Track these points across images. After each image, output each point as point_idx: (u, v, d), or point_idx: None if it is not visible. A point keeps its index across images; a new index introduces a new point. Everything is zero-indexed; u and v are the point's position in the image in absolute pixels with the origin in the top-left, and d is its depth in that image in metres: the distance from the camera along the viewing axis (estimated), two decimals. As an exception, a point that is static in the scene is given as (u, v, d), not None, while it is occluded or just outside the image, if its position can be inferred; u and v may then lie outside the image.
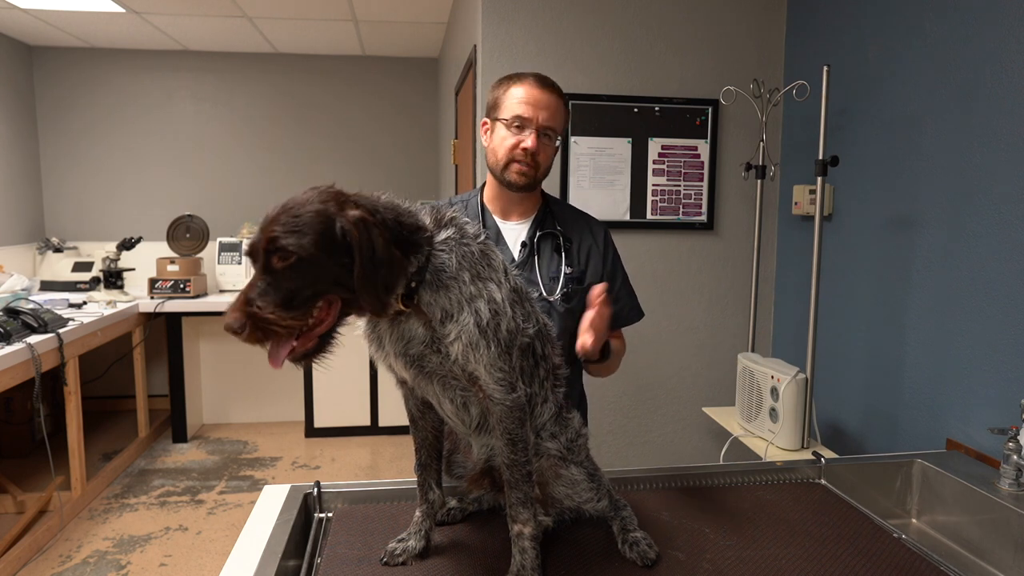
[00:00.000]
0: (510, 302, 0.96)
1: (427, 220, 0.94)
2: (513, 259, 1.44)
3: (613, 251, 1.52)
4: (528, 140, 1.35)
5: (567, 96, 1.44)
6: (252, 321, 0.79)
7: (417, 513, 1.08)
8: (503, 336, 0.93)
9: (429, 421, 1.08)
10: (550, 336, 1.10)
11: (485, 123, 1.45)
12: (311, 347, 0.85)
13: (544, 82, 1.38)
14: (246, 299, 0.80)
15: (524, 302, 1.02)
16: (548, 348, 1.09)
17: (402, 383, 1.05)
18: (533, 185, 1.42)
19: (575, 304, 1.43)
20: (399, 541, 1.06)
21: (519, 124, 1.36)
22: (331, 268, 0.82)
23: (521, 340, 0.98)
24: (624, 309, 1.52)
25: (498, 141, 1.40)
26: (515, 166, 1.38)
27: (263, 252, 0.81)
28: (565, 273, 1.44)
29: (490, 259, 0.97)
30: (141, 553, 2.82)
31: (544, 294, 1.42)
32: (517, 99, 1.37)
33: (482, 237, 0.99)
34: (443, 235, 0.93)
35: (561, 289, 1.42)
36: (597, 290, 1.22)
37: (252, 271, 0.84)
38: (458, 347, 0.91)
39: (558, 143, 1.42)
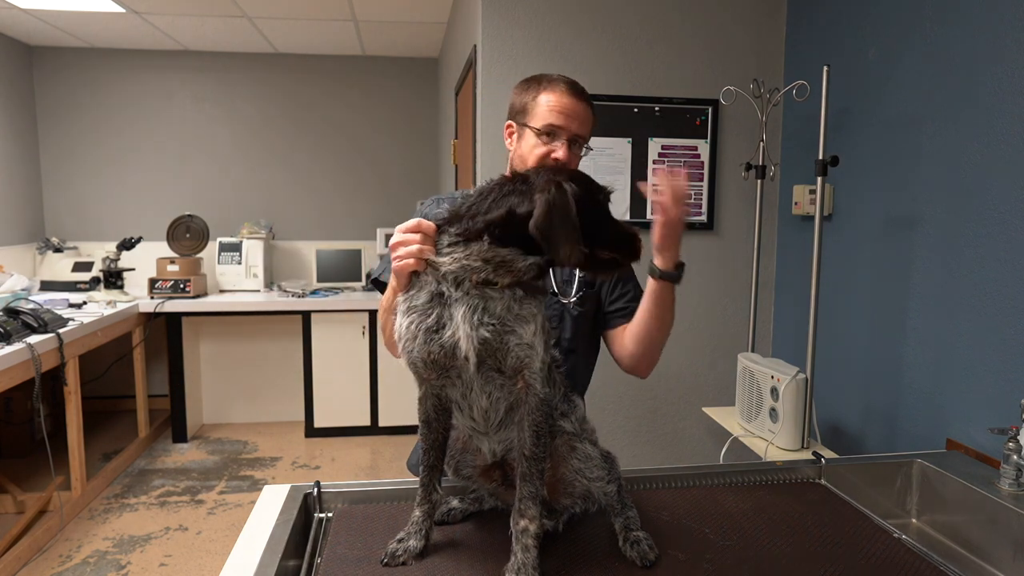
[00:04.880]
0: None
1: None
2: None
3: None
4: (560, 151, 1.30)
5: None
6: None
7: (418, 512, 1.08)
8: (548, 328, 1.02)
9: (442, 424, 1.09)
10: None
11: (510, 126, 1.39)
12: None
13: (575, 89, 1.33)
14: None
15: None
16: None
17: (426, 381, 1.04)
18: None
19: (587, 308, 1.43)
20: (399, 541, 1.06)
21: (550, 133, 1.31)
22: None
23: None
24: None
25: (527, 148, 1.34)
26: None
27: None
28: (579, 276, 1.43)
29: None
30: (141, 553, 2.82)
31: (559, 297, 1.41)
32: (548, 107, 1.31)
33: None
34: None
35: (576, 292, 1.42)
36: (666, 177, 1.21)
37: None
38: (533, 327, 0.98)
39: (583, 152, 1.36)
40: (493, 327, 0.95)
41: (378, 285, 1.48)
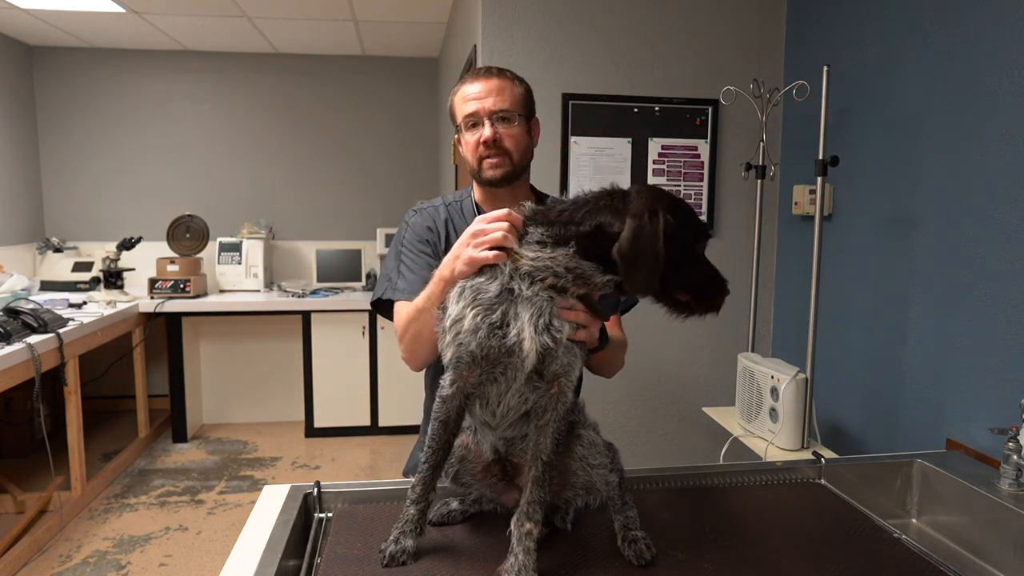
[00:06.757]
0: None
1: None
2: None
3: None
4: (485, 131, 1.33)
5: (568, 96, 1.42)
6: None
7: (413, 510, 1.06)
8: None
9: (458, 425, 1.08)
10: None
11: (457, 139, 1.43)
12: None
13: (480, 72, 1.37)
14: None
15: None
16: None
17: (464, 378, 1.02)
18: (512, 175, 1.37)
19: None
20: (396, 542, 1.05)
21: (473, 122, 1.35)
22: None
23: None
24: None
25: (465, 147, 1.38)
26: (485, 163, 1.35)
27: None
28: None
29: None
30: (141, 553, 2.82)
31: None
32: (463, 99, 1.36)
33: None
34: None
35: None
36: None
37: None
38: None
39: (518, 122, 1.35)
40: (555, 334, 0.96)
41: (380, 308, 1.45)
